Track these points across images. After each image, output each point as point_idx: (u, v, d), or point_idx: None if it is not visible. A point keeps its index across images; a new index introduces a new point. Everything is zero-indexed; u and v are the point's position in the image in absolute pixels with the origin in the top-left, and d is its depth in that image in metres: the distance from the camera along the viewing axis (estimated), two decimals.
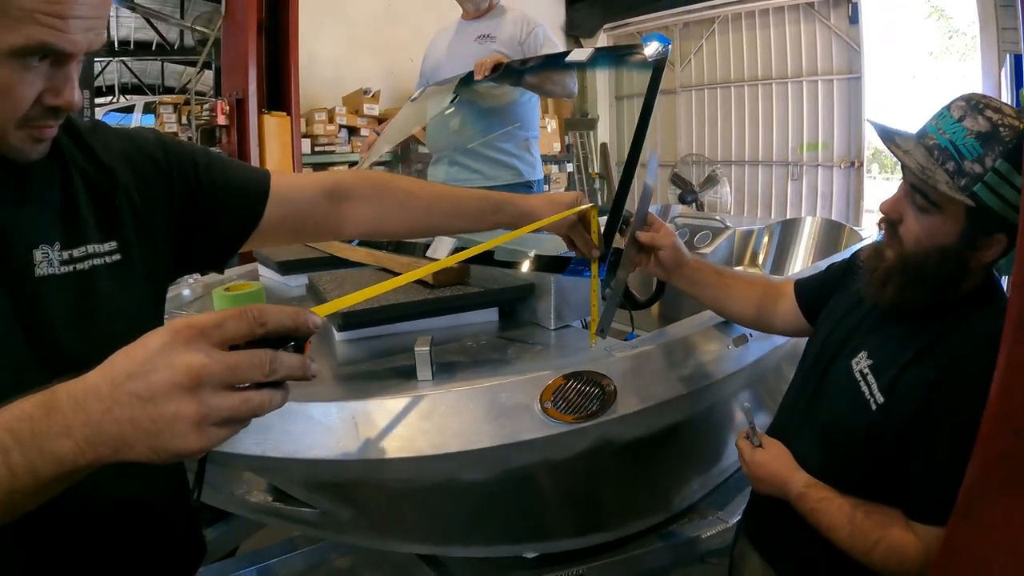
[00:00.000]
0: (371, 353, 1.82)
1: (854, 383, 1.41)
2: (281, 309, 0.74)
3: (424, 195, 1.53)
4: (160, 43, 14.28)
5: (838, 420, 1.43)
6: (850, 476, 1.40)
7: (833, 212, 8.77)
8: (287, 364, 0.73)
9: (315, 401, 1.47)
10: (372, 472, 1.51)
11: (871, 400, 1.35)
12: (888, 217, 1.40)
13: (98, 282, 1.04)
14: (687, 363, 1.83)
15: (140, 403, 0.67)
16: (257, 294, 2.19)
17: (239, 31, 5.66)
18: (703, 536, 2.04)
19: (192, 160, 1.22)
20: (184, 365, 0.67)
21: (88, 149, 1.08)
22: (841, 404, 1.43)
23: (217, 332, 0.69)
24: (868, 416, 1.35)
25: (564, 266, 1.79)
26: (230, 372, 0.69)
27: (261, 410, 0.72)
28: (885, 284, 1.38)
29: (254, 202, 1.29)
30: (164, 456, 0.69)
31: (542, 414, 1.51)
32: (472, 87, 3.10)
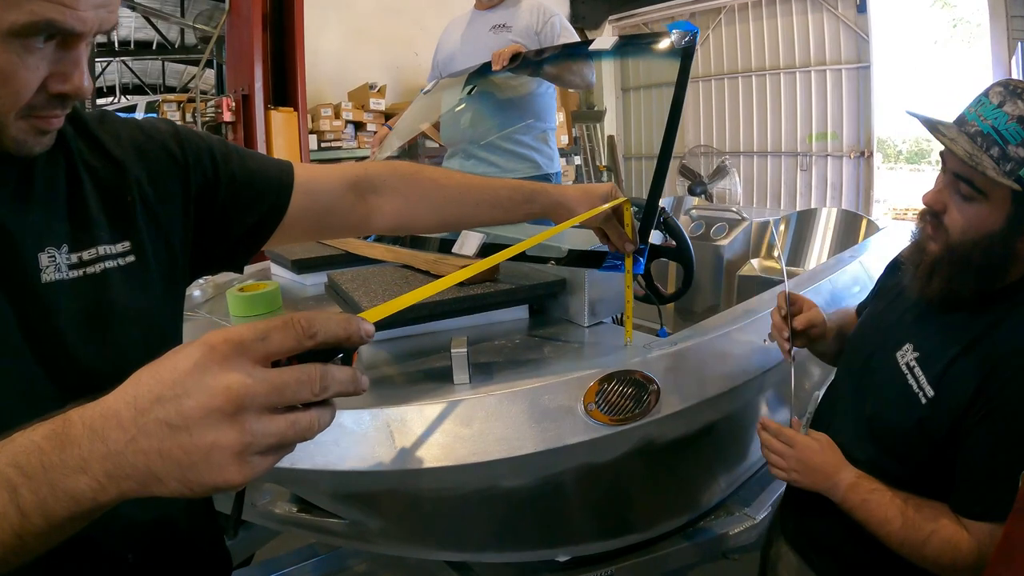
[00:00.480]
0: (399, 355, 1.74)
1: (901, 376, 1.37)
2: (329, 317, 0.64)
3: (454, 185, 1.44)
4: (160, 42, 14.25)
5: (886, 414, 1.40)
6: (896, 470, 1.37)
7: (843, 202, 8.71)
8: (338, 379, 0.64)
9: (346, 408, 1.39)
10: (409, 482, 1.44)
11: (920, 393, 1.32)
12: (932, 208, 1.36)
13: (111, 287, 0.94)
14: (725, 360, 1.79)
15: (171, 432, 0.58)
16: (273, 294, 2.13)
17: (244, 25, 5.59)
18: (730, 533, 1.99)
19: (209, 150, 1.13)
20: (223, 387, 0.58)
21: (96, 141, 0.99)
22: (888, 398, 1.40)
23: (260, 346, 0.60)
24: (918, 410, 1.31)
25: (600, 261, 1.71)
26: (276, 393, 0.60)
27: (310, 433, 0.63)
28: (931, 276, 1.36)
29: (278, 194, 1.20)
30: (200, 491, 0.60)
31: (586, 416, 1.45)
32: (488, 78, 3.02)
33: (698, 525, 1.99)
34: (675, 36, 2.02)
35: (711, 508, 2.04)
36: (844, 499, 1.40)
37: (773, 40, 9.14)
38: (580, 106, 9.90)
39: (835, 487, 1.41)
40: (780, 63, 9.14)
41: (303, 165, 1.27)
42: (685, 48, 1.98)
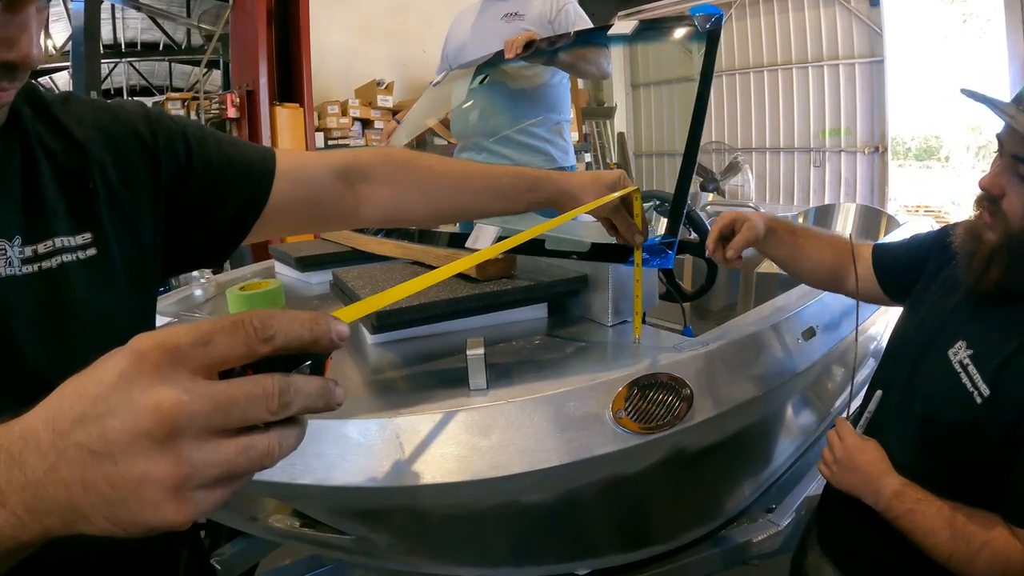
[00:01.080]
0: (410, 358, 1.61)
1: (953, 375, 1.27)
2: (292, 316, 0.50)
3: (451, 173, 1.33)
4: (167, 43, 14.24)
5: (938, 415, 1.30)
6: (944, 474, 1.28)
7: (857, 199, 8.66)
8: (304, 393, 0.50)
9: (351, 418, 1.28)
10: (421, 499, 1.32)
11: (975, 392, 1.22)
12: (989, 192, 1.25)
13: (70, 283, 0.83)
14: (759, 361, 1.68)
15: (94, 460, 0.46)
16: (276, 293, 2.02)
17: (248, 20, 5.53)
18: (754, 540, 1.87)
19: (183, 134, 1.01)
20: (151, 405, 0.45)
21: (57, 124, 0.88)
22: (940, 398, 1.30)
23: (201, 352, 0.47)
24: (972, 410, 1.22)
25: (626, 256, 1.59)
26: (220, 412, 0.47)
27: (269, 460, 0.50)
28: (988, 267, 1.26)
29: (259, 182, 1.08)
30: (133, 531, 0.48)
31: (615, 424, 1.33)
32: (500, 68, 2.90)
33: (721, 533, 1.88)
34: (699, 19, 1.89)
35: (735, 515, 1.93)
36: (888, 507, 1.30)
37: (785, 35, 9.07)
38: (590, 103, 9.85)
39: (878, 493, 1.33)
40: (792, 58, 9.08)
41: (287, 151, 1.16)
42: (710, 32, 1.86)
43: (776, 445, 1.96)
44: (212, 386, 0.47)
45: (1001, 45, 7.11)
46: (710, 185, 6.50)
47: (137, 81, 17.05)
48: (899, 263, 1.63)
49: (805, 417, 2.07)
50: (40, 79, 15.32)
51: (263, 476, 1.24)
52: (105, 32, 13.17)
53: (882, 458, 1.36)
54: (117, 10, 12.30)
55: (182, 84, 16.74)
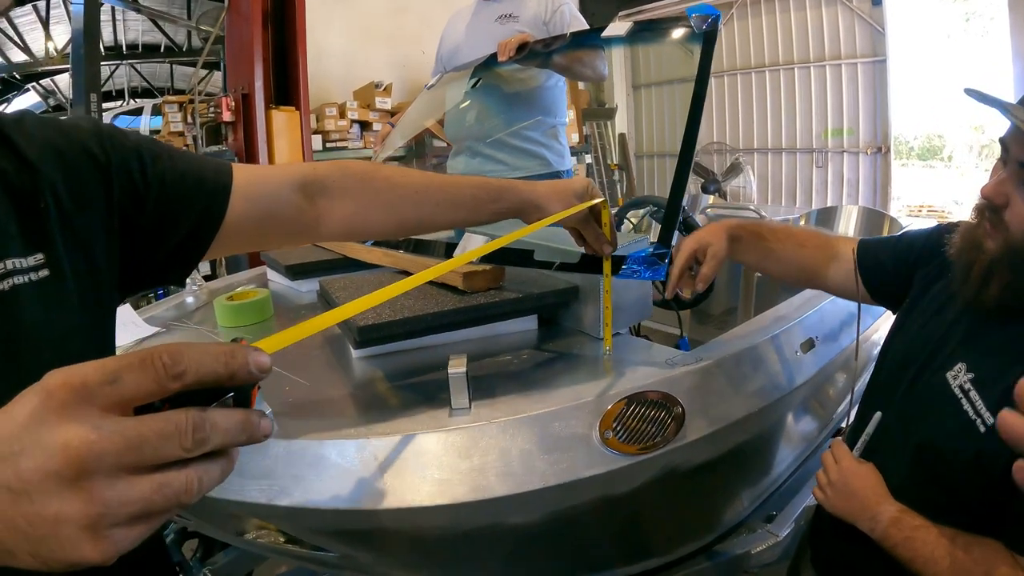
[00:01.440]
0: (394, 373, 1.56)
1: (954, 400, 1.20)
2: (205, 350, 0.48)
3: (411, 184, 1.29)
4: (168, 45, 14.22)
5: (938, 444, 1.23)
6: (944, 503, 1.21)
7: (860, 199, 8.61)
8: (222, 427, 0.48)
9: (329, 438, 1.23)
10: (401, 521, 1.26)
11: (977, 420, 1.15)
12: (991, 201, 1.18)
13: (21, 306, 0.80)
14: (755, 376, 1.62)
15: (12, 498, 0.45)
16: (263, 303, 1.99)
17: (243, 23, 5.49)
18: (752, 552, 1.83)
19: (136, 151, 0.97)
20: (60, 445, 0.44)
21: (7, 142, 0.84)
22: (940, 425, 1.23)
23: (110, 390, 0.45)
24: (976, 440, 1.15)
25: (617, 266, 1.54)
26: (132, 450, 0.45)
27: (188, 496, 0.48)
28: (987, 280, 1.19)
29: (213, 197, 1.05)
30: (58, 567, 0.47)
31: (602, 445, 1.28)
32: (494, 70, 2.84)
33: (719, 546, 1.83)
34: (695, 20, 1.85)
35: (733, 527, 1.88)
36: (885, 535, 1.25)
37: (787, 34, 9.02)
38: (591, 103, 9.81)
39: (875, 520, 1.27)
40: (794, 58, 9.03)
41: (244, 166, 1.12)
42: (707, 33, 1.81)
43: (775, 455, 1.91)
44: (123, 423, 0.46)
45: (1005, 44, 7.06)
46: (711, 186, 6.45)
47: (139, 83, 17.02)
48: (884, 265, 1.57)
49: (806, 424, 2.02)
50: (42, 81, 15.34)
51: (238, 496, 1.22)
52: (106, 34, 13.16)
53: (879, 483, 1.31)
54: (118, 12, 12.28)
55: (184, 86, 16.71)
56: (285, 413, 1.33)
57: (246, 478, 1.23)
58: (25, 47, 13.40)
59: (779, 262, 1.68)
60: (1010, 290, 1.16)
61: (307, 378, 1.54)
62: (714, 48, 1.79)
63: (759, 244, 1.68)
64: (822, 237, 1.71)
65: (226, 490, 1.23)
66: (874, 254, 1.60)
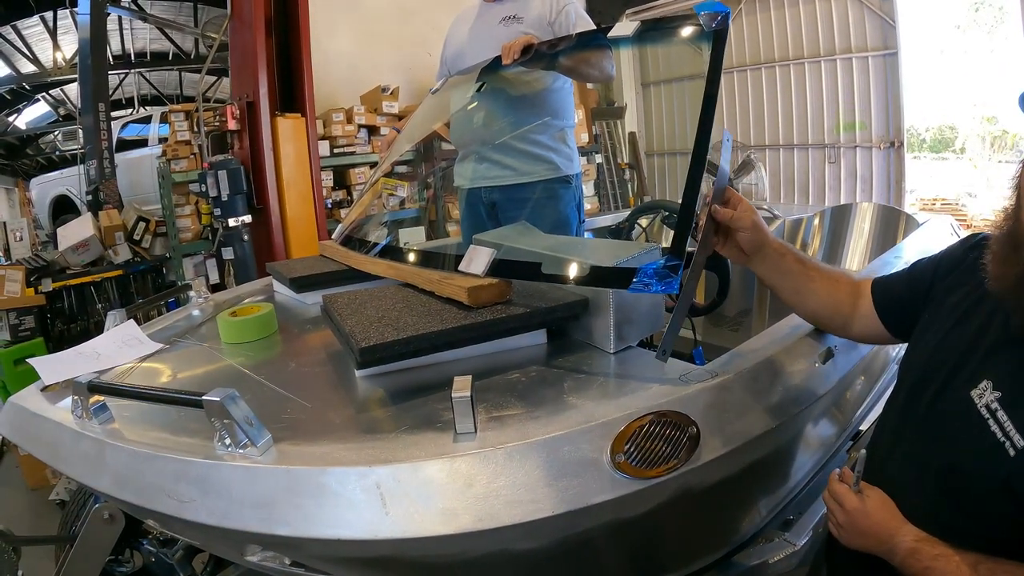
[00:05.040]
0: (398, 393, 1.51)
1: (980, 421, 1.14)
2: None
3: None
4: (176, 53, 14.26)
5: (963, 467, 1.17)
6: (968, 528, 1.17)
7: (874, 195, 8.49)
8: None
9: (330, 466, 1.18)
10: (404, 550, 1.22)
11: (1007, 443, 1.10)
12: None
13: None
14: (774, 389, 1.57)
15: None
16: (266, 319, 1.95)
17: (246, 31, 5.44)
18: (770, 562, 1.78)
19: None
20: None
21: None
22: (966, 448, 1.17)
23: None
24: (1005, 464, 1.10)
25: (628, 280, 1.48)
26: None
27: None
28: None
29: None
30: None
31: (613, 470, 1.23)
32: (499, 73, 2.78)
33: (736, 556, 1.78)
34: (704, 18, 1.79)
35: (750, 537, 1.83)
36: (903, 565, 1.21)
37: (796, 28, 8.92)
38: (600, 103, 9.73)
39: (892, 552, 1.23)
40: (804, 52, 8.92)
41: None
42: (716, 31, 1.75)
43: (794, 463, 1.85)
44: None
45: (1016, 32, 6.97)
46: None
47: (148, 91, 17.06)
48: (901, 299, 1.51)
49: (825, 430, 1.95)
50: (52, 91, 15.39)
51: (237, 524, 1.19)
52: (114, 43, 13.20)
53: (890, 515, 1.26)
54: (125, 21, 12.29)
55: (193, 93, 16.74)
56: (286, 438, 1.29)
57: (246, 506, 1.19)
58: (34, 58, 13.45)
59: (815, 296, 1.61)
60: None
61: (309, 398, 1.50)
62: (725, 46, 1.73)
63: (801, 269, 1.61)
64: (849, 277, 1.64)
65: (226, 518, 1.20)
66: (891, 291, 1.55)
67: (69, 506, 2.38)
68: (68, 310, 5.50)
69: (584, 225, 3.21)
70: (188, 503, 1.22)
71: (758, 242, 1.54)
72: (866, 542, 1.29)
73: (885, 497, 1.29)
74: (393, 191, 3.34)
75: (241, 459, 1.22)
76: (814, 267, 1.62)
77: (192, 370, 1.78)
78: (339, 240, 2.61)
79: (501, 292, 1.68)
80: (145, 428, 1.41)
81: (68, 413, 1.47)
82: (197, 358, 1.86)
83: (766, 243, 1.56)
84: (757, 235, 1.53)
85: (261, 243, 5.58)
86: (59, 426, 1.46)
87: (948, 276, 1.39)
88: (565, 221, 3.01)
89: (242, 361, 1.77)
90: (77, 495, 2.36)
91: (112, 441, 1.36)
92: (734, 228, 1.52)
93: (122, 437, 1.37)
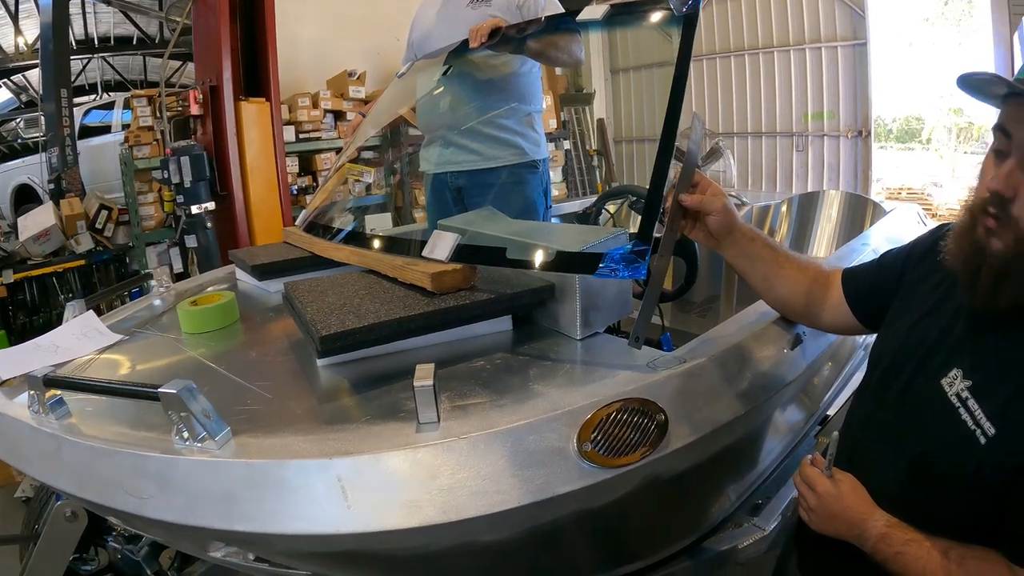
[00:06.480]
0: (361, 382, 1.47)
1: (951, 410, 1.14)
2: None
3: None
4: (140, 37, 14.04)
5: (934, 454, 1.17)
6: (939, 515, 1.16)
7: (841, 183, 8.58)
8: None
9: (290, 458, 1.15)
10: (369, 544, 1.19)
11: (977, 431, 1.09)
12: (1000, 195, 1.07)
13: None
14: (743, 375, 1.55)
15: None
16: (227, 307, 1.90)
17: (210, 13, 5.35)
18: (739, 547, 1.78)
19: None
20: None
21: None
22: (937, 436, 1.16)
23: None
24: (976, 452, 1.08)
25: (594, 265, 1.45)
26: None
27: None
28: (999, 285, 1.08)
29: None
30: None
31: (580, 459, 1.20)
32: (467, 57, 2.75)
33: (706, 542, 1.78)
34: (675, 2, 1.77)
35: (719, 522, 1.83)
36: (874, 550, 1.21)
37: (766, 17, 8.97)
38: (568, 89, 9.73)
39: (863, 537, 1.23)
40: (774, 41, 8.97)
41: None
42: (687, 15, 1.72)
43: (763, 449, 1.85)
44: None
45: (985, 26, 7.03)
46: None
47: (112, 76, 16.79)
48: (871, 286, 1.50)
49: (793, 415, 1.96)
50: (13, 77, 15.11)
51: (198, 521, 1.15)
52: (77, 27, 12.97)
53: (861, 499, 1.26)
54: (88, 4, 12.10)
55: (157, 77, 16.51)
56: (246, 430, 1.24)
57: (205, 501, 1.15)
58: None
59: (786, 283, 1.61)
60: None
61: (269, 389, 1.46)
62: (695, 31, 1.70)
63: (772, 255, 1.60)
64: (818, 265, 1.64)
65: (185, 514, 1.16)
66: (860, 277, 1.55)
67: (32, 504, 2.33)
68: (30, 302, 5.41)
69: (551, 211, 3.19)
70: (147, 500, 1.18)
71: (728, 226, 1.53)
72: (837, 527, 1.28)
73: (856, 482, 1.28)
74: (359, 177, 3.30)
75: (199, 453, 1.18)
76: (784, 254, 1.62)
77: (151, 361, 1.73)
78: (303, 226, 2.56)
79: (465, 278, 1.64)
80: (104, 422, 1.36)
81: (26, 409, 1.43)
82: (157, 349, 1.81)
83: (736, 227, 1.54)
84: (727, 219, 1.52)
85: (225, 231, 5.50)
86: (16, 422, 1.40)
87: (919, 265, 1.38)
88: (532, 206, 2.98)
89: (202, 351, 1.73)
90: (40, 492, 2.31)
91: (69, 437, 1.30)
92: (704, 212, 1.50)
93: (80, 432, 1.32)
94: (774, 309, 1.74)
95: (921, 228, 2.93)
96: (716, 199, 1.50)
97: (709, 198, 1.50)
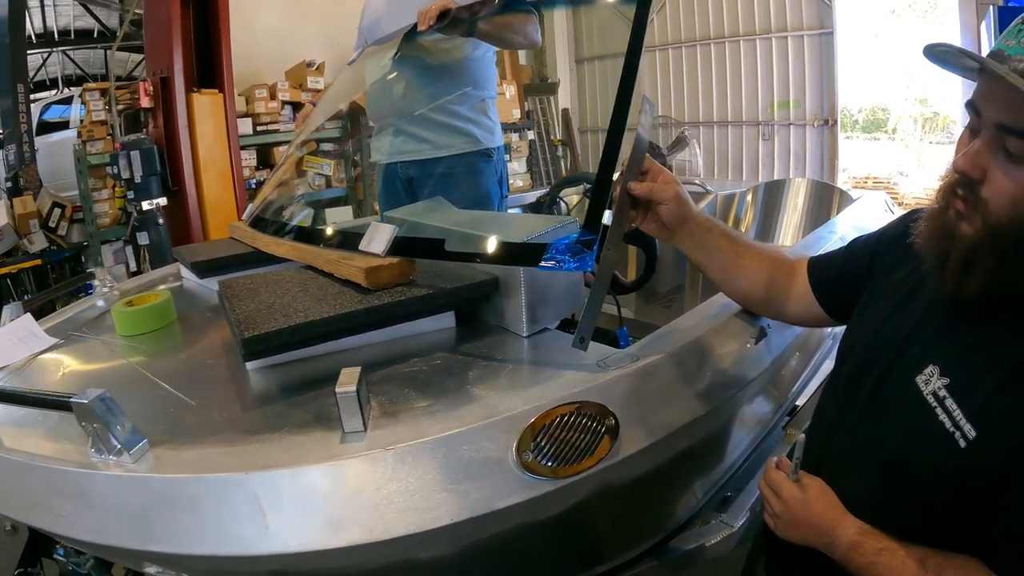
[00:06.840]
0: (290, 388, 1.37)
1: (927, 409, 1.07)
2: None
3: None
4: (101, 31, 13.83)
5: (910, 458, 1.10)
6: (915, 521, 1.10)
7: (807, 172, 8.60)
8: None
9: (206, 473, 1.05)
10: (293, 566, 1.09)
11: (956, 433, 1.02)
12: (967, 176, 1.01)
13: None
14: (703, 373, 1.47)
15: None
16: (163, 307, 1.81)
17: (161, 2, 5.19)
18: (707, 545, 1.69)
19: None
20: None
21: None
22: (913, 437, 1.10)
23: None
24: (955, 456, 1.02)
25: (537, 257, 1.36)
26: None
27: None
28: (967, 271, 1.02)
29: None
30: None
31: (520, 469, 1.11)
32: (417, 42, 2.65)
33: (672, 541, 1.69)
34: None
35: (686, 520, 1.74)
36: (845, 559, 1.15)
37: (732, 6, 8.95)
38: (533, 78, 9.66)
39: (832, 545, 1.17)
40: (740, 30, 8.94)
41: None
42: None
43: (728, 444, 1.78)
44: None
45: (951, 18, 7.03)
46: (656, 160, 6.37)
47: (73, 71, 16.52)
48: (839, 278, 1.44)
49: (761, 407, 1.89)
50: None
51: (113, 541, 1.08)
52: (36, 20, 12.74)
53: (831, 505, 1.19)
54: None
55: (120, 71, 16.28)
56: (163, 441, 1.15)
57: (121, 520, 1.07)
58: None
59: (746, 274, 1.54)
60: (996, 279, 1.01)
61: (195, 395, 1.36)
62: (648, 9, 1.61)
63: (730, 245, 1.53)
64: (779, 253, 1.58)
65: (101, 533, 1.08)
66: (826, 266, 1.49)
67: None
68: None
69: (507, 201, 3.09)
70: (63, 517, 1.10)
71: (681, 216, 1.44)
72: (804, 533, 1.22)
73: (825, 487, 1.22)
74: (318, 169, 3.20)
75: (114, 467, 1.09)
76: (744, 244, 1.54)
77: (82, 366, 1.63)
78: (248, 221, 2.45)
79: (402, 272, 1.55)
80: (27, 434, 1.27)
81: None
82: (89, 353, 1.70)
83: (690, 217, 1.46)
84: (680, 208, 1.43)
85: (178, 227, 5.39)
86: None
87: (889, 254, 1.32)
88: (486, 196, 2.88)
89: (133, 355, 1.62)
90: None
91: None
92: (655, 201, 1.41)
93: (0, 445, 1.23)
94: (735, 302, 1.66)
95: (888, 216, 2.89)
96: (668, 187, 1.40)
97: (660, 186, 1.40)
